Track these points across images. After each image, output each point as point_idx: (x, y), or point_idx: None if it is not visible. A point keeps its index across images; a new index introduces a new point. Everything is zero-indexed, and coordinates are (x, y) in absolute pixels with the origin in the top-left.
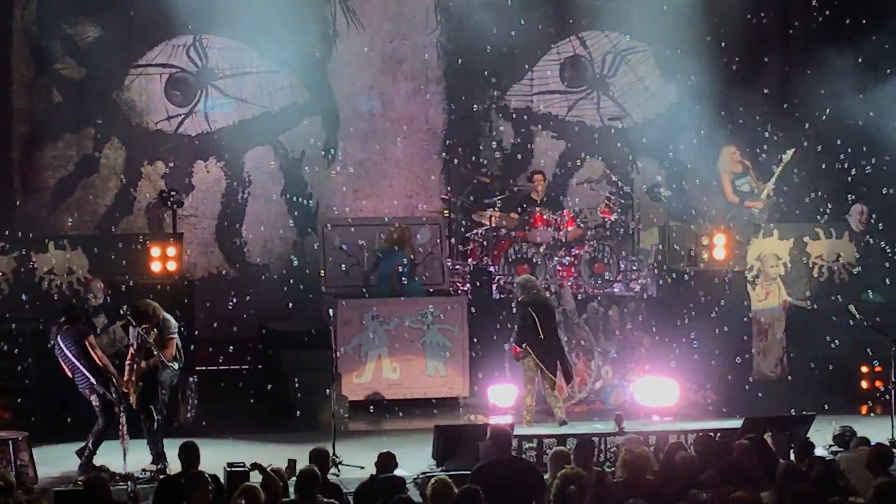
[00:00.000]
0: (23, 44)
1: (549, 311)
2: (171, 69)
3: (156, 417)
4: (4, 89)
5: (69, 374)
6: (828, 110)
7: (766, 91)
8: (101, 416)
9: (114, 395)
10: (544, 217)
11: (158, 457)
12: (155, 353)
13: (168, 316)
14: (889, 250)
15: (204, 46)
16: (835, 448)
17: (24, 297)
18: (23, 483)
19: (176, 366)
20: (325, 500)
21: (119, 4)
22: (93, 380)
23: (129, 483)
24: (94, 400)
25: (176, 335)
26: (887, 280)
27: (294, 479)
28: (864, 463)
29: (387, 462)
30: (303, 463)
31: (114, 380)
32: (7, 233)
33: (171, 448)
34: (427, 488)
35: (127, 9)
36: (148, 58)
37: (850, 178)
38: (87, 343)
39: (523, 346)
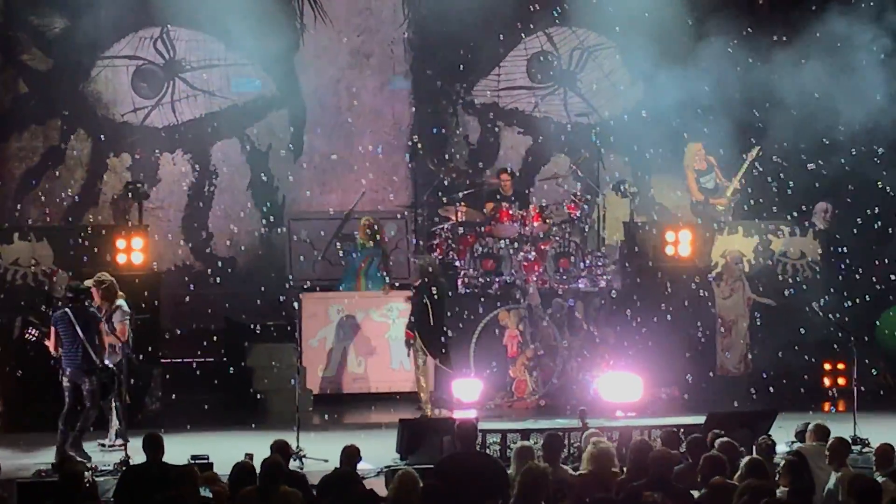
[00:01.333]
0: None
1: (442, 296)
2: (138, 61)
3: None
4: None
5: (53, 350)
6: (793, 108)
7: (731, 87)
8: (89, 400)
9: (106, 380)
10: (510, 212)
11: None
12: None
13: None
14: (852, 248)
15: (171, 38)
16: (797, 444)
17: None
18: None
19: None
20: (290, 488)
21: None
22: (95, 359)
23: (88, 472)
24: (85, 383)
25: (127, 320)
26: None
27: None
28: (820, 453)
29: (351, 455)
30: (261, 456)
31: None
32: None
33: (136, 439)
34: (393, 480)
35: (94, 0)
36: (115, 49)
37: (814, 176)
38: (99, 327)
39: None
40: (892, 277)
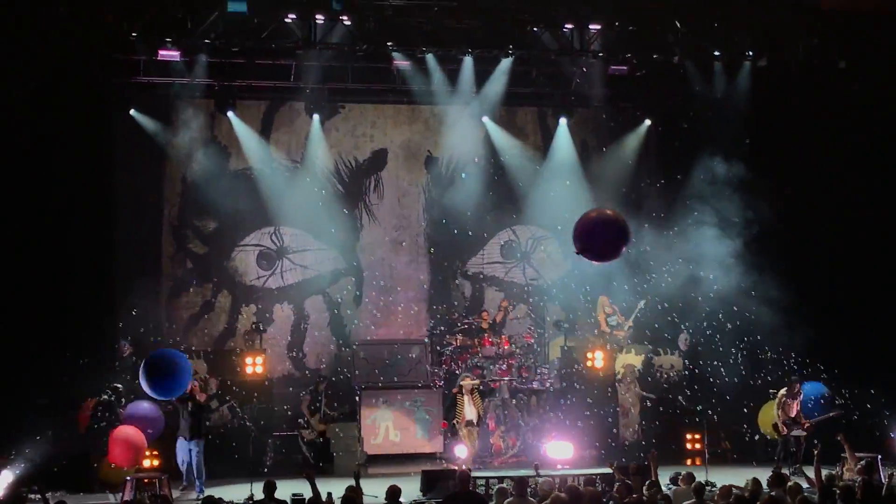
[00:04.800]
0: (168, 231)
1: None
2: (260, 247)
3: None
4: (156, 259)
5: None
6: (665, 272)
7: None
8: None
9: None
10: (490, 340)
11: None
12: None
13: None
14: (709, 366)
15: (281, 233)
16: (670, 485)
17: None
18: None
19: None
20: None
21: (229, 206)
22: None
23: None
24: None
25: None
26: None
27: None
28: (687, 493)
29: (393, 493)
30: (338, 494)
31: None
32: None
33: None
34: None
35: (233, 210)
36: (246, 240)
37: (678, 315)
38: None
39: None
40: (734, 379)
